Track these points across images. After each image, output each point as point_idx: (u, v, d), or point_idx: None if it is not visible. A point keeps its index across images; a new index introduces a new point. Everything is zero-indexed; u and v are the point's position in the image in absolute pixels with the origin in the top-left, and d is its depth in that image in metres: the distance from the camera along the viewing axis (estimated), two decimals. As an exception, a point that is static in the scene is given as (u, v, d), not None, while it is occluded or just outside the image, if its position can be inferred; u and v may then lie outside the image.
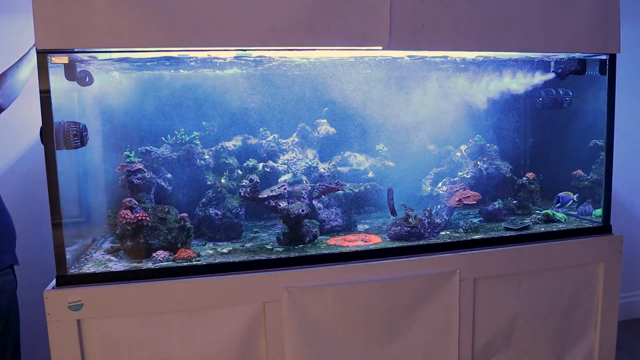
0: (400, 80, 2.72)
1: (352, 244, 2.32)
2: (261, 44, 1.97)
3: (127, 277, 1.99)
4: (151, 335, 1.98)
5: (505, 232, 2.47)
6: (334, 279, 2.11)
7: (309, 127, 2.89)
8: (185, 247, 2.22)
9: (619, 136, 2.54)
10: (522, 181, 2.80)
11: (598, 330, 2.50)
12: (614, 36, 2.33)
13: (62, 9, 1.77)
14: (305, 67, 2.56)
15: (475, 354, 2.33)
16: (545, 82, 2.73)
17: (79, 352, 1.91)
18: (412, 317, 2.21)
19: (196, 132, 2.66)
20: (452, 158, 2.89)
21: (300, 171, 2.66)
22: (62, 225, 1.92)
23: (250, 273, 2.06)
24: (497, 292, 2.33)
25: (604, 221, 2.52)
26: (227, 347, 2.05)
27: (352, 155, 2.90)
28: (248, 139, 2.81)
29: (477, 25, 2.16)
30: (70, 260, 2.06)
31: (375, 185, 2.70)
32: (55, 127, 1.90)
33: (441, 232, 2.47)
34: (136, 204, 2.22)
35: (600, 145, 2.66)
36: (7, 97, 2.12)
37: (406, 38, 2.07)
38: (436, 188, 2.72)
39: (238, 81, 2.65)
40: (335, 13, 1.97)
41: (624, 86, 2.61)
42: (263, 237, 2.48)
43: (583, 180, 2.81)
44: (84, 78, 2.15)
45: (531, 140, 3.08)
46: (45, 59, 1.84)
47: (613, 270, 2.48)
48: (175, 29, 1.86)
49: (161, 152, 2.55)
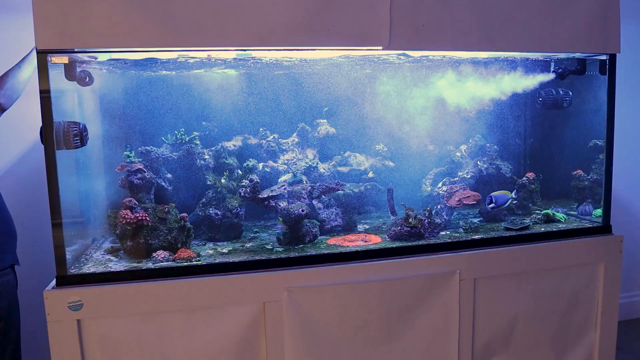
0: (400, 80, 2.72)
1: (352, 244, 2.32)
2: (261, 44, 1.97)
3: (127, 277, 1.99)
4: (151, 335, 1.98)
5: (505, 232, 2.47)
6: (334, 279, 2.11)
7: (309, 127, 2.89)
8: (185, 247, 2.22)
9: (619, 136, 2.54)
10: (522, 181, 2.80)
11: (598, 330, 2.50)
12: (614, 36, 2.33)
13: (62, 9, 1.77)
14: (305, 66, 2.56)
15: (475, 354, 2.33)
16: (545, 82, 2.73)
17: (79, 352, 1.91)
18: (412, 317, 2.21)
19: (196, 132, 2.66)
20: (452, 158, 2.89)
21: (300, 171, 2.66)
22: (62, 225, 1.92)
23: (250, 273, 2.06)
24: (497, 292, 2.33)
25: (604, 221, 2.52)
26: (227, 347, 2.05)
27: (352, 155, 2.90)
28: (248, 139, 2.81)
29: (477, 25, 2.16)
30: (70, 260, 2.06)
31: (375, 185, 2.70)
32: (55, 127, 1.90)
33: (441, 232, 2.47)
34: (136, 204, 2.22)
35: (600, 145, 2.66)
36: (8, 97, 2.13)
37: (406, 38, 2.07)
38: (436, 188, 2.72)
39: (238, 81, 2.65)
40: (335, 13, 1.97)
41: (624, 86, 2.61)
42: (263, 237, 2.48)
43: (583, 180, 2.81)
44: (84, 78, 2.15)
45: (531, 140, 3.08)
46: (45, 59, 1.84)
47: (613, 270, 2.47)
48: (175, 29, 1.86)
49: (161, 152, 2.55)
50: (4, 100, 2.11)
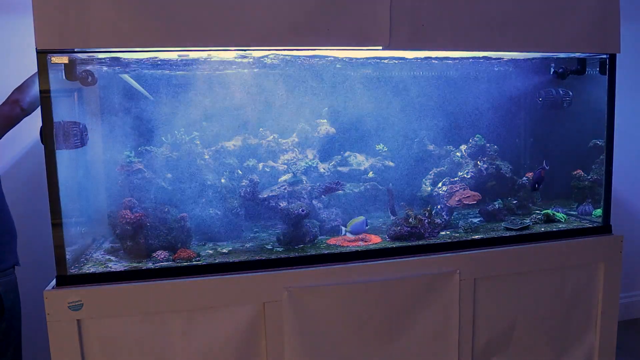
0: (401, 80, 2.72)
1: (352, 244, 2.32)
2: (261, 44, 1.97)
3: (127, 277, 1.99)
4: (151, 336, 1.98)
5: (505, 232, 2.47)
6: (334, 279, 2.11)
7: (309, 127, 2.89)
8: (185, 247, 2.22)
9: (619, 136, 2.54)
10: (522, 181, 2.79)
11: (598, 330, 2.50)
12: (614, 36, 2.33)
13: (62, 9, 1.77)
14: (305, 66, 2.56)
15: (475, 354, 2.33)
16: (546, 81, 2.73)
17: (79, 352, 1.91)
18: (412, 317, 2.21)
19: (196, 132, 2.65)
20: (452, 158, 2.89)
21: (300, 171, 2.66)
22: (62, 225, 1.92)
23: (250, 273, 2.06)
24: (497, 292, 2.33)
25: (604, 221, 2.52)
26: (227, 347, 2.05)
27: (352, 155, 2.89)
28: (248, 139, 2.81)
29: (477, 25, 2.16)
30: (70, 260, 2.05)
31: (375, 185, 2.70)
32: (55, 127, 1.90)
33: (441, 232, 2.47)
34: (136, 204, 2.22)
35: (600, 145, 2.66)
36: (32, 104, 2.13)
37: (406, 38, 2.07)
38: (436, 188, 2.72)
39: (238, 81, 2.64)
40: (335, 13, 1.97)
41: (624, 86, 2.61)
42: (263, 237, 2.48)
43: (583, 180, 2.81)
44: (87, 78, 2.15)
45: (531, 140, 3.08)
46: (45, 59, 1.84)
47: (613, 270, 2.47)
48: (176, 29, 1.86)
49: (161, 152, 2.55)
50: (27, 106, 2.11)
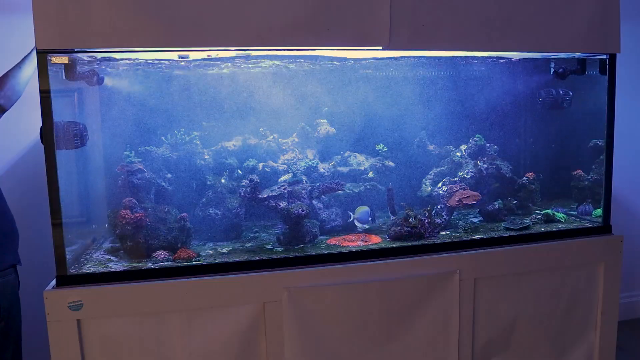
0: (401, 80, 2.72)
1: (352, 244, 2.32)
2: (261, 44, 1.97)
3: (127, 277, 1.99)
4: (151, 336, 1.98)
5: (505, 232, 2.47)
6: (334, 279, 2.11)
7: (309, 127, 2.89)
8: (185, 247, 2.22)
9: (619, 136, 2.54)
10: (522, 181, 2.79)
11: (598, 330, 2.50)
12: (614, 36, 2.33)
13: (62, 9, 1.77)
14: (305, 66, 2.56)
15: (475, 354, 2.33)
16: (545, 81, 2.73)
17: (79, 352, 1.91)
18: (412, 317, 2.21)
19: (196, 132, 2.65)
20: (452, 158, 2.89)
21: (300, 171, 2.66)
22: (62, 225, 1.92)
23: (250, 273, 2.06)
24: (497, 292, 2.33)
25: (604, 221, 2.52)
26: (227, 347, 2.05)
27: (352, 155, 2.89)
28: (248, 139, 2.81)
29: (477, 25, 2.16)
30: (70, 260, 2.05)
31: (375, 185, 2.70)
32: (55, 127, 1.90)
33: (441, 232, 2.47)
34: (136, 204, 2.22)
35: (600, 145, 2.66)
36: (8, 98, 2.12)
37: (406, 38, 2.07)
38: (436, 188, 2.72)
39: (238, 81, 2.65)
40: (335, 13, 1.97)
41: (624, 86, 2.60)
42: (263, 237, 2.48)
43: (583, 180, 2.81)
44: (91, 77, 2.14)
45: (531, 140, 3.08)
46: (45, 59, 1.84)
47: (613, 270, 2.47)
48: (176, 29, 1.86)
49: (161, 152, 2.55)
50: (3, 101, 2.10)
